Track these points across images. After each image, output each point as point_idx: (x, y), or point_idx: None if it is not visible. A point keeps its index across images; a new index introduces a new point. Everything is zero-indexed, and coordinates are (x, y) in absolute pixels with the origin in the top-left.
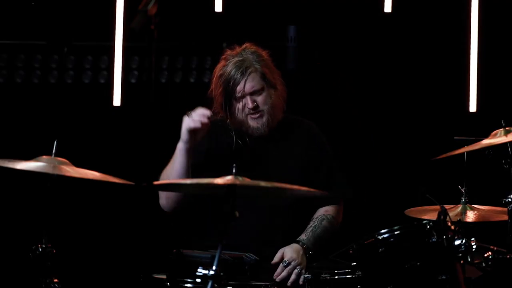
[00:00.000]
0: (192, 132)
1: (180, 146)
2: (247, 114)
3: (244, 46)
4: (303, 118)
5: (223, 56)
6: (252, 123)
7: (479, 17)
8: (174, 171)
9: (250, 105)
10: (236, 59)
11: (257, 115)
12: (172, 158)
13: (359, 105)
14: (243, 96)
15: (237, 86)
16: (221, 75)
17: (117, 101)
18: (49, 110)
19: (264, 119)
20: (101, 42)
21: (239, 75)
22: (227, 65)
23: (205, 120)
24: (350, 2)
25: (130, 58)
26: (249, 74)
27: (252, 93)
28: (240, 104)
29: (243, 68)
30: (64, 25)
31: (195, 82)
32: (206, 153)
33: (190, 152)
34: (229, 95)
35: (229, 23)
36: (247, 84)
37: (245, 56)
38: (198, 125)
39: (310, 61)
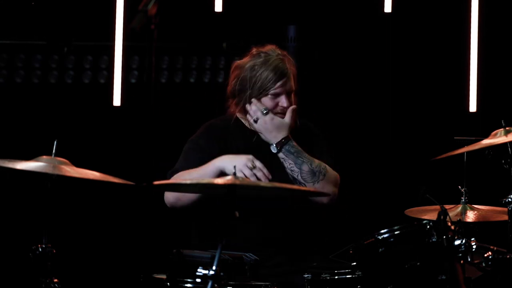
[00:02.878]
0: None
1: (216, 169)
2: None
3: (272, 47)
4: (301, 119)
5: (252, 52)
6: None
7: (479, 17)
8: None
9: (286, 103)
10: (275, 57)
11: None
12: (202, 169)
13: (359, 105)
14: (279, 94)
15: (277, 82)
16: (253, 67)
17: (117, 101)
18: (49, 110)
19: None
20: (101, 42)
21: (280, 73)
22: (263, 59)
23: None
24: (350, 2)
25: (130, 58)
26: (289, 74)
27: (288, 93)
28: (272, 102)
29: (285, 68)
30: (64, 25)
31: (195, 82)
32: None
33: None
34: (263, 90)
35: (229, 23)
36: (288, 84)
37: (283, 57)
38: (252, 178)
39: (310, 61)
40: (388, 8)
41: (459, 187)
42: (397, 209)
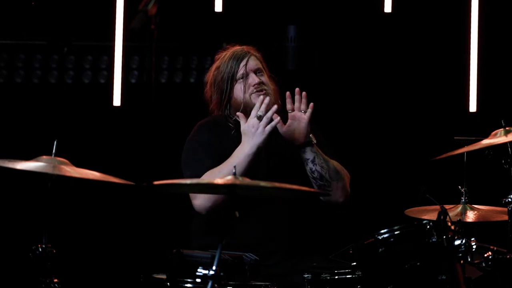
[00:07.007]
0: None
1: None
2: (251, 93)
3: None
4: None
5: (217, 56)
6: (257, 101)
7: (479, 17)
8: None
9: (256, 80)
10: (233, 49)
11: (262, 92)
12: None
13: (359, 105)
14: (246, 75)
15: (239, 64)
16: (219, 66)
17: (117, 101)
18: (49, 110)
19: (269, 98)
20: (101, 42)
21: (240, 58)
22: (224, 55)
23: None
24: (350, 2)
25: (130, 58)
26: (250, 56)
27: (255, 71)
28: (243, 84)
29: (244, 53)
30: (64, 25)
31: (195, 82)
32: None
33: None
34: (230, 80)
35: (229, 23)
36: (251, 62)
37: (241, 47)
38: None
39: (310, 61)
40: (388, 8)
41: (459, 187)
42: (397, 209)
